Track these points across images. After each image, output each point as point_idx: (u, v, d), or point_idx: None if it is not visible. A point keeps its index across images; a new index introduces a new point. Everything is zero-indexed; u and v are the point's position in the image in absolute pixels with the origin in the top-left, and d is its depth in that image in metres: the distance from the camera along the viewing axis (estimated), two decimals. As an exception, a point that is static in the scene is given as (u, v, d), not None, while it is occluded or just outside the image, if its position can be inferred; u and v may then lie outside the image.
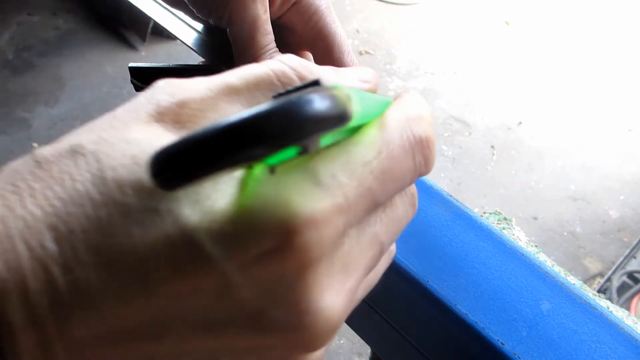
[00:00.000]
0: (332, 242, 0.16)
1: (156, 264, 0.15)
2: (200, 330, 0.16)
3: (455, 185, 1.87)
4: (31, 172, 0.16)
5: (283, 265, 0.15)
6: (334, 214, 0.16)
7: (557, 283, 0.28)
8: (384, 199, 0.18)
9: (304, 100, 0.13)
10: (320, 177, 0.16)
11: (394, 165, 0.18)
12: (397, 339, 0.33)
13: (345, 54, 0.34)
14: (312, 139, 0.13)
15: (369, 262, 0.19)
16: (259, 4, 0.30)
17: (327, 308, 0.16)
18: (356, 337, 0.45)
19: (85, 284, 0.15)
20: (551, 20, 2.75)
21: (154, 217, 0.16)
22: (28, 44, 2.23)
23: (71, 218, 0.16)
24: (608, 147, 2.07)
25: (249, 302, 0.16)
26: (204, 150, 0.12)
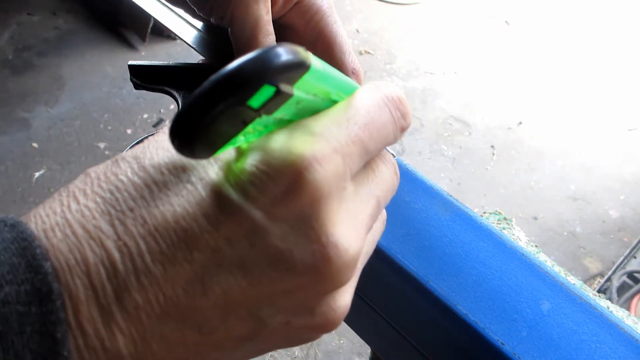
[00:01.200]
0: (335, 179, 0.19)
1: (194, 221, 0.18)
2: (240, 279, 0.18)
3: (455, 185, 1.87)
4: (81, 181, 0.20)
5: (299, 202, 0.18)
6: (332, 153, 0.19)
7: (557, 283, 0.28)
8: (373, 148, 0.21)
9: (270, 50, 0.16)
10: (313, 129, 0.19)
11: (374, 117, 0.21)
12: (397, 339, 0.33)
13: (346, 54, 0.34)
14: (282, 80, 0.16)
15: (370, 210, 0.22)
16: (261, 4, 0.30)
17: (342, 241, 0.19)
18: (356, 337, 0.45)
19: (136, 251, 0.17)
20: (551, 20, 2.75)
21: (189, 186, 0.18)
22: (28, 44, 2.23)
23: (119, 202, 0.18)
24: (608, 147, 2.07)
25: (277, 245, 0.18)
26: (201, 104, 0.15)
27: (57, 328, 0.16)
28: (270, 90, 0.16)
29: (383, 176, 0.23)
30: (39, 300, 0.16)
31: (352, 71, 0.34)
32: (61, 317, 0.16)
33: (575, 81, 2.37)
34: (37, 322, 0.16)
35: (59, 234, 0.18)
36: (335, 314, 0.21)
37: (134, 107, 2.01)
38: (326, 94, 0.20)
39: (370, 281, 0.32)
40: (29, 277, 0.16)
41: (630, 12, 2.83)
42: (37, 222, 0.18)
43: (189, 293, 0.17)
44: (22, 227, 0.17)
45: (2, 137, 1.86)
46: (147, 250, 0.17)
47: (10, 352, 0.15)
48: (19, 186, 1.71)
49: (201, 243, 0.17)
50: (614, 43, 2.63)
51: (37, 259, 0.16)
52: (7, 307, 0.15)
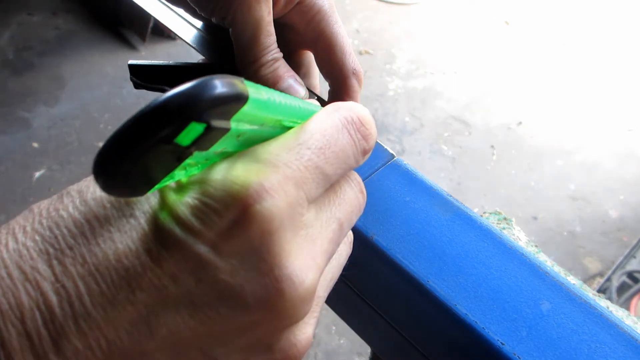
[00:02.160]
0: (288, 208, 0.18)
1: (136, 259, 0.17)
2: (188, 317, 0.17)
3: (455, 185, 1.87)
4: (23, 217, 0.18)
5: (247, 235, 0.17)
6: (282, 182, 0.18)
7: (557, 283, 0.28)
8: (331, 172, 0.20)
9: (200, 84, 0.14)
10: (262, 157, 0.18)
11: (330, 140, 0.20)
12: (397, 339, 0.33)
13: (347, 54, 0.34)
14: (213, 115, 0.15)
15: (331, 234, 0.21)
16: (263, 5, 0.30)
17: (297, 274, 0.18)
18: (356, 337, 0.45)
19: (75, 293, 0.16)
20: (551, 20, 2.75)
21: (132, 220, 0.17)
22: (28, 44, 2.23)
23: (58, 240, 0.17)
24: (608, 147, 2.07)
25: (227, 281, 0.17)
26: (122, 142, 0.14)
27: None
28: (200, 127, 0.15)
29: (347, 197, 0.22)
30: None
31: (353, 72, 0.34)
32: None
33: (575, 81, 2.37)
34: None
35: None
36: (296, 349, 0.20)
37: (134, 107, 2.01)
38: (276, 122, 0.19)
39: (370, 281, 0.32)
40: None
41: (630, 12, 2.83)
42: None
43: (134, 336, 0.16)
44: None
45: (2, 137, 1.86)
46: (87, 292, 0.16)
47: None
48: (19, 186, 1.71)
49: (144, 282, 0.16)
50: (614, 43, 2.63)
51: None
52: None
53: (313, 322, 0.21)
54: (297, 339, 0.20)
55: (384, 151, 0.34)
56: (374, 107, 2.14)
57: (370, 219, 0.30)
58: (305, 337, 0.20)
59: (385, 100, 2.19)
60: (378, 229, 0.30)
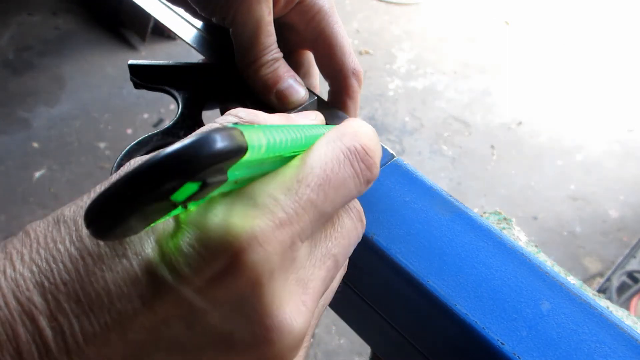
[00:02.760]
0: (280, 256, 0.17)
1: (128, 302, 0.17)
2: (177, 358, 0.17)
3: (455, 185, 1.87)
4: (21, 241, 0.19)
5: (237, 284, 0.17)
6: (276, 228, 0.17)
7: (557, 283, 0.28)
8: (330, 209, 0.19)
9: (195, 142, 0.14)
10: (257, 199, 0.18)
11: (330, 175, 0.19)
12: (397, 339, 0.33)
13: (347, 54, 0.34)
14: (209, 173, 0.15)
15: (325, 274, 0.20)
16: (263, 5, 0.30)
17: (288, 322, 0.18)
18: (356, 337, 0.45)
19: (69, 331, 0.17)
20: (551, 20, 2.75)
21: (124, 261, 0.18)
22: (28, 44, 2.23)
23: (54, 274, 0.17)
24: (608, 147, 2.07)
25: (217, 326, 0.17)
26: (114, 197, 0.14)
27: None
28: (195, 186, 0.15)
29: (345, 229, 0.22)
30: None
31: (353, 72, 0.34)
32: None
33: (575, 81, 2.37)
34: None
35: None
36: None
37: (134, 107, 2.01)
38: (277, 157, 0.19)
39: (371, 281, 0.32)
40: None
41: (630, 12, 2.83)
42: None
43: None
44: None
45: (2, 137, 1.86)
46: (80, 330, 0.17)
47: None
48: (19, 186, 1.71)
49: (136, 325, 0.17)
50: (614, 43, 2.63)
51: None
52: None
53: (302, 354, 0.22)
54: None
55: (384, 151, 0.34)
56: (374, 107, 2.14)
57: (370, 219, 0.30)
58: None
59: (385, 100, 2.19)
60: (378, 229, 0.30)
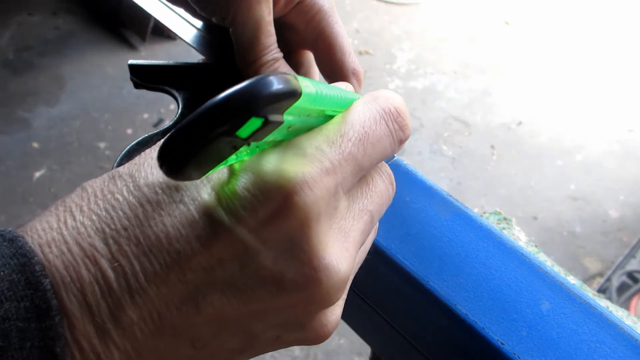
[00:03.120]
0: (326, 201, 0.19)
1: (186, 243, 0.18)
2: (231, 298, 0.18)
3: (455, 185, 1.87)
4: (78, 195, 0.20)
5: (288, 225, 0.18)
6: (323, 175, 0.19)
7: (557, 283, 0.28)
8: (368, 163, 0.21)
9: (259, 81, 0.16)
10: (305, 150, 0.19)
11: (368, 132, 0.21)
12: (397, 339, 0.33)
13: (347, 55, 0.34)
14: (270, 111, 0.16)
15: (363, 227, 0.22)
16: (263, 5, 0.30)
17: (334, 264, 0.19)
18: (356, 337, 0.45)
19: (131, 271, 0.18)
20: (551, 20, 2.75)
21: (181, 206, 0.19)
22: (28, 44, 2.23)
23: (114, 221, 0.19)
24: (608, 147, 2.07)
25: (268, 267, 0.18)
26: (188, 134, 0.16)
27: (56, 343, 0.16)
28: (259, 122, 0.16)
29: (378, 189, 0.23)
30: (38, 317, 0.16)
31: (353, 72, 0.34)
32: (60, 332, 0.16)
33: (575, 81, 2.37)
34: (37, 338, 0.16)
35: (55, 250, 0.18)
36: (327, 329, 0.22)
37: (134, 107, 2.01)
38: (320, 112, 0.20)
39: (370, 281, 0.32)
40: (28, 294, 0.16)
41: (630, 12, 2.83)
42: (33, 236, 0.18)
43: (182, 311, 0.18)
44: (20, 242, 0.18)
45: (2, 137, 1.86)
46: (141, 270, 0.18)
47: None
48: (19, 186, 1.71)
49: (194, 264, 0.18)
50: (614, 43, 2.63)
51: (37, 275, 0.17)
52: (7, 324, 0.16)
53: (342, 304, 0.23)
54: (328, 320, 0.22)
55: (384, 151, 0.34)
56: (374, 107, 2.14)
57: (370, 219, 0.30)
58: (334, 317, 0.22)
59: (385, 100, 2.19)
60: (378, 229, 0.30)
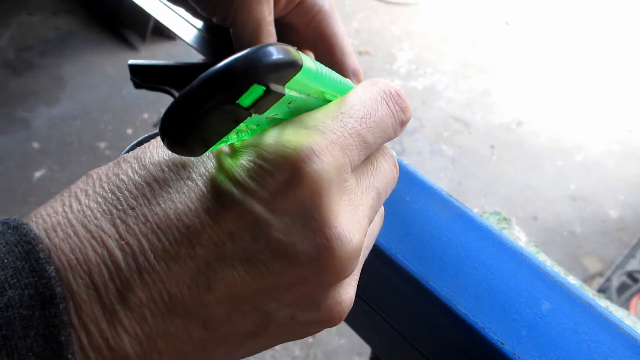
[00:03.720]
0: (335, 171, 0.19)
1: (195, 217, 0.18)
2: (244, 273, 0.18)
3: (455, 185, 1.87)
4: (83, 182, 0.20)
5: (298, 195, 0.18)
6: (329, 146, 0.19)
7: (557, 283, 0.28)
8: (372, 140, 0.21)
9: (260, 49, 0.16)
10: (310, 123, 0.20)
11: (370, 111, 0.22)
12: (397, 339, 0.33)
13: (347, 55, 0.34)
14: (272, 79, 0.16)
15: (371, 201, 0.22)
16: (264, 5, 0.30)
17: (345, 233, 0.19)
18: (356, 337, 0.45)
19: (139, 249, 0.17)
20: (551, 20, 2.75)
21: (189, 182, 0.19)
22: (28, 44, 2.23)
23: (120, 201, 0.18)
24: (608, 147, 2.07)
25: (280, 238, 0.18)
26: (190, 102, 0.15)
27: (60, 331, 0.16)
28: (260, 90, 0.16)
29: (383, 169, 0.23)
30: (42, 304, 0.16)
31: (353, 72, 0.34)
32: (64, 320, 0.16)
33: (575, 81, 2.37)
34: (41, 326, 0.16)
35: (60, 233, 0.18)
36: (341, 307, 0.21)
37: (134, 107, 2.01)
38: (320, 93, 0.21)
39: (370, 281, 0.32)
40: (32, 281, 0.16)
41: (630, 13, 2.83)
42: (38, 221, 0.18)
43: (194, 289, 0.18)
44: (25, 229, 0.17)
45: (2, 137, 1.86)
46: (150, 248, 0.17)
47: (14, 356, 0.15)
48: (19, 186, 1.71)
49: (204, 238, 0.18)
50: (614, 43, 2.63)
51: (41, 262, 0.17)
52: (10, 311, 0.15)
53: (354, 284, 0.22)
54: (342, 298, 0.21)
55: (384, 151, 0.34)
56: (374, 107, 2.14)
57: (370, 219, 0.30)
58: (349, 296, 0.21)
59: (385, 100, 2.19)
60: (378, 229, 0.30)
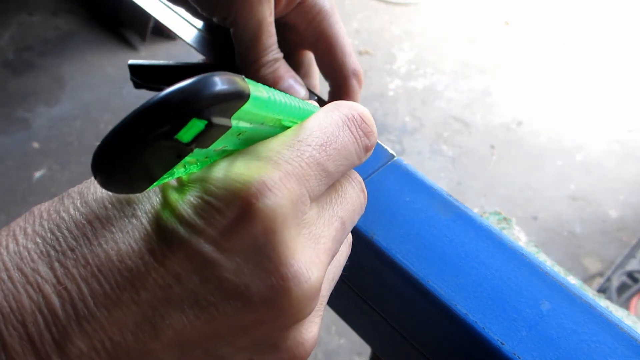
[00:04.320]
0: (292, 205, 0.17)
1: (139, 259, 0.16)
2: (193, 317, 0.17)
3: (455, 185, 1.87)
4: (24, 219, 0.18)
5: (250, 233, 0.17)
6: (284, 178, 0.17)
7: (557, 283, 0.28)
8: (333, 169, 0.20)
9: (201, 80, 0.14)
10: (263, 154, 0.18)
11: (330, 137, 0.20)
12: (397, 339, 0.33)
13: (347, 55, 0.34)
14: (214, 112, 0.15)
15: (334, 233, 0.20)
16: (265, 5, 0.30)
17: (302, 271, 0.17)
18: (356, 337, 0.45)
19: (78, 295, 0.16)
20: (551, 20, 2.75)
21: (133, 220, 0.17)
22: (28, 44, 2.23)
23: (59, 242, 0.17)
24: (608, 147, 2.07)
25: (231, 279, 0.17)
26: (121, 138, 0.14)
27: None
28: (201, 124, 0.15)
29: (348, 196, 0.22)
30: None
31: (353, 72, 0.34)
32: None
33: (575, 81, 2.37)
34: None
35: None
36: (303, 348, 0.20)
37: (134, 107, 1.99)
38: (276, 121, 0.19)
39: (370, 281, 0.32)
40: None
41: (630, 13, 2.83)
42: None
43: (139, 337, 0.16)
44: None
45: (2, 137, 1.86)
46: (90, 293, 0.16)
47: None
48: (19, 186, 1.71)
49: (148, 282, 0.16)
50: (614, 43, 2.63)
51: None
52: None
53: (318, 321, 0.21)
54: (304, 338, 0.20)
55: (384, 151, 0.34)
56: (374, 107, 2.14)
57: (370, 219, 0.30)
58: (311, 335, 0.20)
59: (385, 100, 2.19)
60: (378, 229, 0.30)
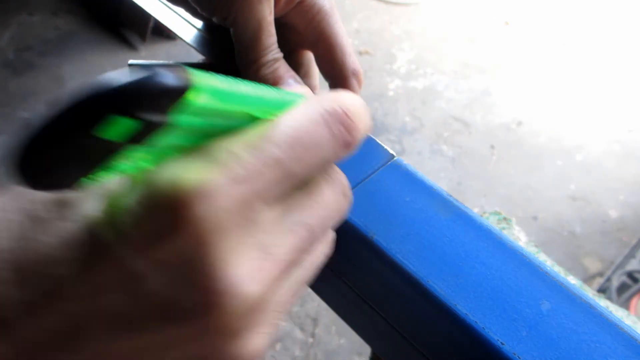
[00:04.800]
0: (235, 215, 0.16)
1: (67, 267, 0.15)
2: (117, 331, 0.16)
3: (455, 185, 1.87)
4: None
5: (179, 242, 0.15)
6: (231, 184, 0.16)
7: (557, 283, 0.28)
8: (300, 170, 0.18)
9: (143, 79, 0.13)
10: (215, 154, 0.16)
11: (302, 135, 0.18)
12: (397, 339, 0.33)
13: (347, 55, 0.34)
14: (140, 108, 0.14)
15: (295, 241, 0.18)
16: (265, 5, 0.30)
17: (238, 286, 0.16)
18: (356, 337, 0.45)
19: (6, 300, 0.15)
20: (551, 20, 2.75)
21: (68, 223, 0.16)
22: (28, 44, 2.23)
23: None
24: (608, 147, 2.07)
25: (159, 293, 0.15)
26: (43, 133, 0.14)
27: None
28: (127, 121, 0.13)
29: (323, 200, 0.20)
30: None
31: (353, 72, 0.34)
32: None
33: (575, 81, 2.37)
34: None
35: None
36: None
37: (134, 107, 2.01)
38: (244, 114, 0.18)
39: (371, 281, 0.32)
40: None
41: (630, 13, 2.83)
42: None
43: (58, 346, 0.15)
44: None
45: (2, 137, 1.86)
46: (11, 300, 0.15)
47: None
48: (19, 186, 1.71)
49: (73, 292, 0.15)
50: (614, 43, 2.63)
51: None
52: None
53: (265, 333, 0.19)
54: (241, 352, 0.18)
55: (384, 151, 0.34)
56: (374, 107, 2.14)
57: (370, 219, 0.30)
58: (251, 349, 0.18)
59: (385, 100, 2.19)
60: (378, 229, 0.30)
